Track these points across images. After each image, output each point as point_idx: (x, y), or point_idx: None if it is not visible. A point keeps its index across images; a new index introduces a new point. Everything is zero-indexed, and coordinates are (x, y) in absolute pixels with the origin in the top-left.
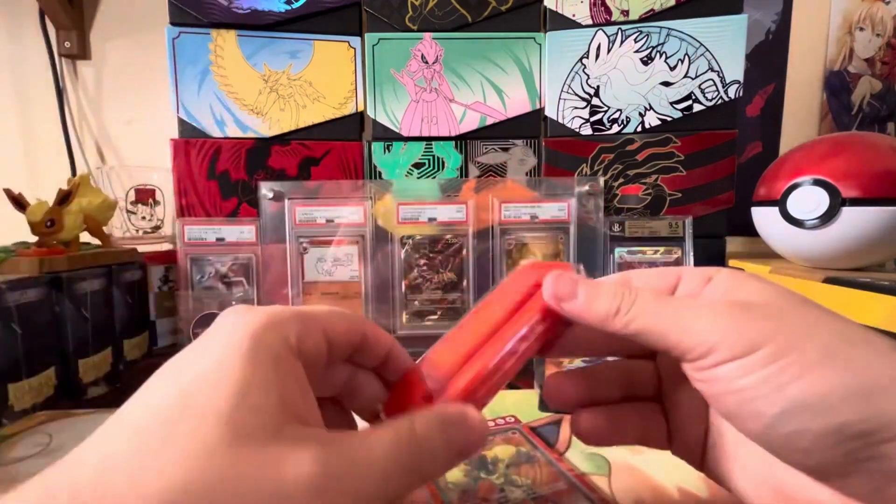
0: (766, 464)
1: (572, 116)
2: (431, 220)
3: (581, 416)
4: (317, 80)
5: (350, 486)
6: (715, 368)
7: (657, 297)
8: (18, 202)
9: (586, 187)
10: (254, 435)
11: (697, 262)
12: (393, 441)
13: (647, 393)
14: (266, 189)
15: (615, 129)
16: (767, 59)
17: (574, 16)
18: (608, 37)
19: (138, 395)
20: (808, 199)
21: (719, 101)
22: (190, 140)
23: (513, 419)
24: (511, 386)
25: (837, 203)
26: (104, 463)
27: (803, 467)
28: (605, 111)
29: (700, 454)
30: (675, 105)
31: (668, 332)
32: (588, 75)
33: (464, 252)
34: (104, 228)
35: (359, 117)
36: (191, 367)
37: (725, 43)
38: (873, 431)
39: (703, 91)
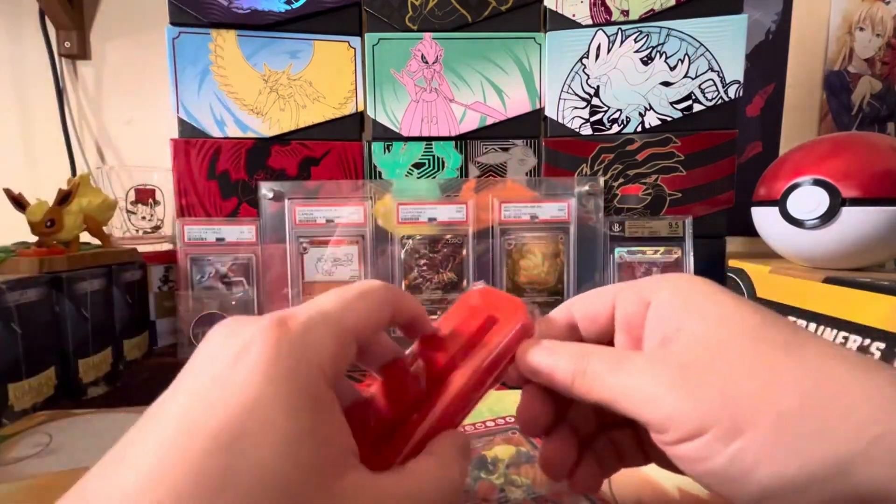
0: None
1: (572, 116)
2: (431, 220)
3: (548, 446)
4: (317, 80)
5: None
6: (676, 446)
7: (610, 364)
8: (18, 202)
9: (586, 187)
10: (301, 496)
11: (697, 262)
12: (436, 476)
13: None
14: (266, 189)
15: (615, 129)
16: (767, 59)
17: (574, 16)
18: (608, 37)
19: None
20: (808, 199)
21: (719, 101)
22: (190, 140)
23: (513, 419)
24: (511, 386)
25: (837, 203)
26: None
27: None
28: (605, 111)
29: (643, 455)
30: (675, 105)
31: (624, 405)
32: (588, 75)
33: (464, 252)
34: (104, 228)
35: (359, 117)
36: (220, 410)
37: (725, 43)
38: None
39: (703, 91)
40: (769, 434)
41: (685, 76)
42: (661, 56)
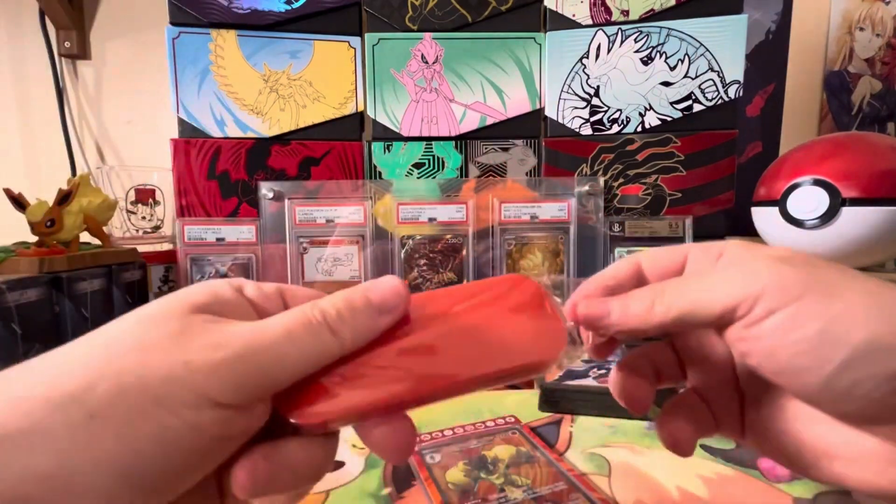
0: (806, 423)
1: (572, 116)
2: (431, 220)
3: (672, 424)
4: (317, 80)
5: (248, 346)
6: (763, 322)
7: (685, 278)
8: (18, 202)
9: (586, 187)
10: (160, 313)
11: None
12: (295, 311)
13: (674, 376)
14: (266, 189)
15: (615, 129)
16: (767, 59)
17: (574, 16)
18: (608, 37)
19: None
20: (808, 199)
21: (719, 101)
22: (190, 140)
23: (513, 419)
24: (511, 386)
25: (837, 203)
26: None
27: (857, 416)
28: (605, 111)
29: (740, 425)
30: (675, 105)
31: (710, 300)
32: (588, 75)
33: (464, 252)
34: (104, 228)
35: (359, 117)
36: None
37: (725, 43)
38: None
39: (703, 91)
40: (862, 300)
41: (685, 76)
42: (661, 56)
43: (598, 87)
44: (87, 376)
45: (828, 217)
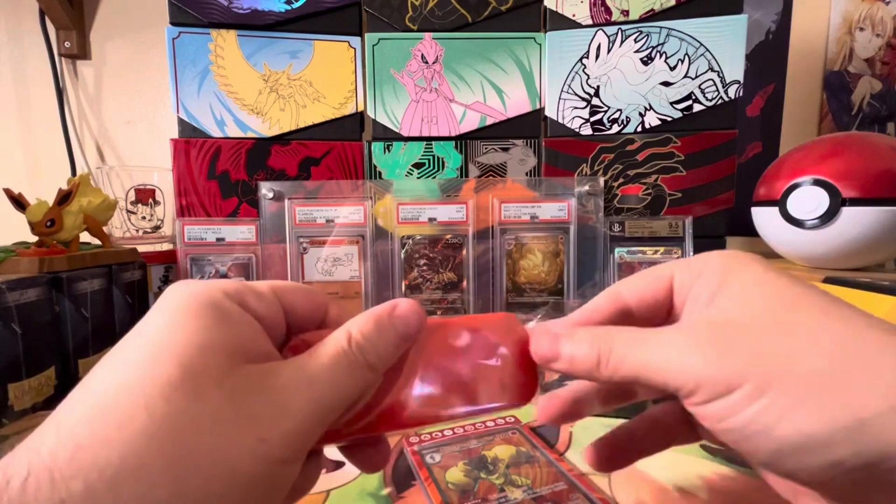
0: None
1: (572, 116)
2: (431, 220)
3: (597, 449)
4: (317, 80)
5: (308, 403)
6: (703, 406)
7: (633, 340)
8: (18, 202)
9: (586, 187)
10: (207, 373)
11: None
12: (334, 347)
13: (686, 433)
14: (266, 189)
15: (615, 129)
16: (767, 59)
17: (574, 16)
18: (608, 37)
19: (101, 363)
20: (808, 199)
21: (719, 101)
22: (190, 140)
23: (513, 419)
24: None
25: (837, 203)
26: (77, 427)
27: (819, 490)
28: (605, 111)
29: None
30: (675, 105)
31: (653, 377)
32: (588, 75)
33: (464, 252)
34: (104, 228)
35: (359, 117)
36: (143, 332)
37: (725, 43)
38: (875, 463)
39: (703, 91)
40: (794, 391)
41: (685, 76)
42: (661, 56)
43: (598, 87)
44: (166, 453)
45: (828, 217)
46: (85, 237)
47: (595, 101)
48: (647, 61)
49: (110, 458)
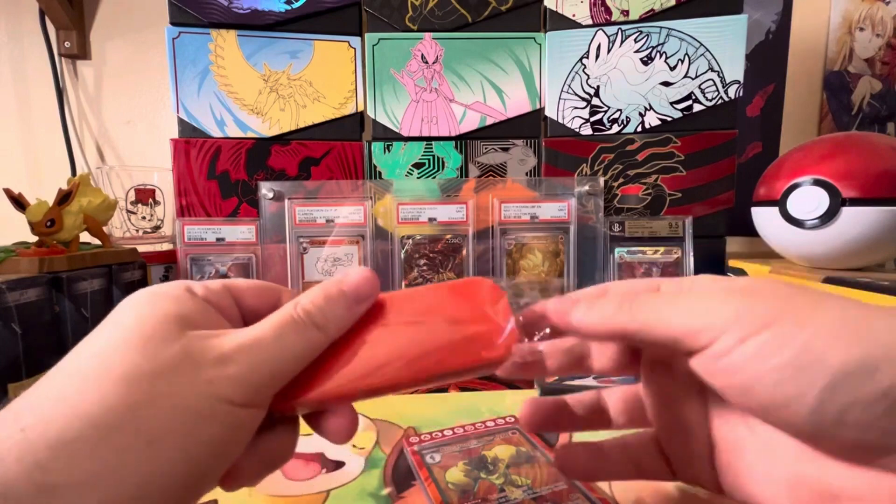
0: (790, 464)
1: (572, 116)
2: (431, 220)
3: (565, 450)
4: (317, 80)
5: (253, 354)
6: (733, 353)
7: (658, 295)
8: (18, 202)
9: (586, 187)
10: (159, 335)
11: (697, 262)
12: (280, 313)
13: (655, 466)
14: (266, 189)
15: (615, 129)
16: (767, 59)
17: (574, 16)
18: (608, 37)
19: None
20: (808, 199)
21: (719, 101)
22: (190, 140)
23: (513, 419)
24: (511, 385)
25: (837, 203)
26: (48, 393)
27: (853, 449)
28: (605, 111)
29: (711, 476)
30: (675, 105)
31: (674, 319)
32: (588, 75)
33: (464, 252)
34: (104, 228)
35: (359, 117)
36: (100, 327)
37: (725, 43)
38: None
39: (703, 91)
40: (830, 327)
41: (685, 76)
42: (661, 56)
43: (598, 87)
44: (130, 401)
45: (828, 217)
46: (85, 237)
47: (595, 101)
48: (647, 61)
49: (77, 411)
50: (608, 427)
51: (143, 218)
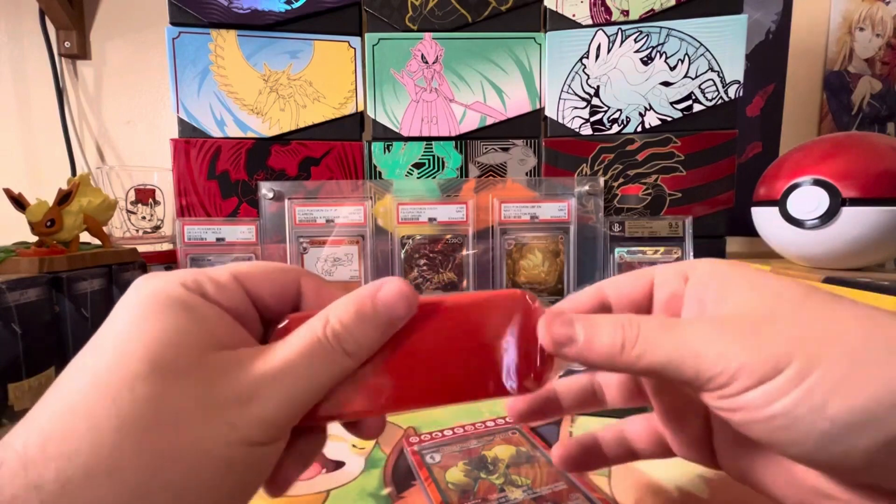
0: (791, 467)
1: (572, 116)
2: (431, 220)
3: (562, 446)
4: (317, 80)
5: (277, 390)
6: (739, 396)
7: (663, 325)
8: (18, 202)
9: (586, 187)
10: (173, 365)
11: None
12: (308, 335)
13: (652, 449)
14: (266, 189)
15: (615, 129)
16: (767, 59)
17: (574, 16)
18: (608, 37)
19: (71, 364)
20: (808, 199)
21: (719, 101)
22: (190, 140)
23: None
24: None
25: (837, 203)
26: (49, 423)
27: (854, 483)
28: (605, 111)
29: (710, 456)
30: (675, 105)
31: (683, 364)
32: (588, 75)
33: (464, 252)
34: (104, 228)
35: (359, 117)
36: (107, 332)
37: (725, 43)
38: None
39: (703, 91)
40: (840, 368)
41: (685, 76)
42: (661, 56)
43: (598, 87)
44: (151, 462)
45: (828, 217)
46: (85, 237)
47: (595, 101)
48: (647, 61)
49: (80, 448)
50: (603, 406)
51: (143, 218)
